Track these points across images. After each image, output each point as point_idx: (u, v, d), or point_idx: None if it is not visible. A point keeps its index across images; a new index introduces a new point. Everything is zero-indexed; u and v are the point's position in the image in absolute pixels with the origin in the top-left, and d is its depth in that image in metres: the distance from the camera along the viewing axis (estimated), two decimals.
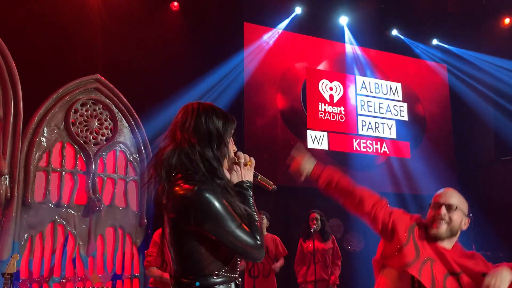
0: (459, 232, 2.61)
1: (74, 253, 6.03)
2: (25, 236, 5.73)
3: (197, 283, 1.87)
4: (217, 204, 1.82)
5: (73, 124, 6.28)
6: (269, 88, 8.12)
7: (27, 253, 5.74)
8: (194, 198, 1.82)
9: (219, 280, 1.90)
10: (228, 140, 2.03)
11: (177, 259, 1.92)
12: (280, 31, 8.31)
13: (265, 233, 6.04)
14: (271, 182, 2.21)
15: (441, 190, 2.67)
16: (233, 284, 1.95)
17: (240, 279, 2.00)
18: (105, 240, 6.28)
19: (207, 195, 1.82)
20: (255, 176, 2.14)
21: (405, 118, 9.26)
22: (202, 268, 1.88)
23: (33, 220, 5.80)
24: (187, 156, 1.92)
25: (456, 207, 2.57)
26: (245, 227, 1.88)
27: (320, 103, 8.45)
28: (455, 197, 2.61)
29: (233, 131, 2.06)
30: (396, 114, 9.19)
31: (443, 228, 2.54)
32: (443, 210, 2.56)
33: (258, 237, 1.90)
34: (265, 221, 6.06)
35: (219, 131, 1.97)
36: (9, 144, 5.70)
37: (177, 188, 1.87)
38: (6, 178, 5.64)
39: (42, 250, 5.85)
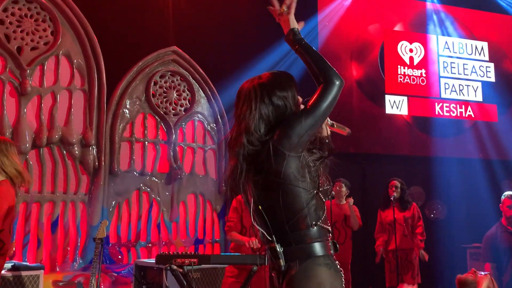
0: None
1: (158, 219, 6.32)
2: (113, 203, 6.07)
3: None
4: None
5: (153, 95, 6.49)
6: (344, 53, 7.90)
7: (115, 219, 6.08)
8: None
9: (320, 231, 1.95)
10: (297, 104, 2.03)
11: (278, 214, 1.94)
12: None
13: (344, 202, 5.97)
14: (345, 127, 2.20)
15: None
16: (331, 241, 1.98)
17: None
18: (187, 206, 6.52)
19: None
20: (330, 124, 2.16)
21: (492, 79, 8.71)
22: (304, 218, 1.92)
23: (119, 188, 6.12)
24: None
25: None
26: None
27: (399, 66, 8.13)
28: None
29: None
30: (482, 75, 8.66)
31: None
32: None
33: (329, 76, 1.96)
34: (344, 189, 6.00)
35: (287, 107, 1.99)
36: (95, 116, 6.01)
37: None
38: (93, 148, 5.97)
39: (129, 216, 6.18)
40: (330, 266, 1.93)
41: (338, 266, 1.96)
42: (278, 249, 1.93)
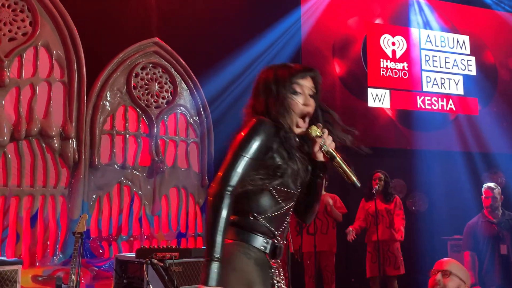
0: None
1: (140, 212, 6.26)
2: (94, 196, 5.99)
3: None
4: (255, 131, 1.86)
5: (135, 87, 6.41)
6: (326, 48, 7.88)
7: (96, 212, 6.01)
8: (252, 121, 1.90)
9: (257, 224, 1.89)
10: (290, 90, 2.00)
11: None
12: None
13: (324, 192, 5.96)
14: (352, 177, 2.03)
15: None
16: (270, 242, 1.91)
17: (282, 242, 1.95)
18: (169, 200, 6.47)
19: (259, 122, 1.89)
20: (330, 157, 2.04)
21: (473, 73, 8.78)
22: (245, 205, 1.90)
23: (100, 181, 6.04)
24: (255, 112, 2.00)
25: (450, 273, 2.83)
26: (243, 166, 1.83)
27: (381, 60, 8.15)
28: (452, 266, 2.87)
29: (299, 79, 2.03)
30: (463, 68, 8.73)
31: None
32: (438, 276, 2.87)
33: (233, 182, 1.82)
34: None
35: (277, 82, 1.99)
36: (74, 109, 5.92)
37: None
38: (73, 141, 5.88)
39: (110, 210, 6.11)
40: (252, 257, 1.87)
41: (269, 263, 1.90)
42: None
